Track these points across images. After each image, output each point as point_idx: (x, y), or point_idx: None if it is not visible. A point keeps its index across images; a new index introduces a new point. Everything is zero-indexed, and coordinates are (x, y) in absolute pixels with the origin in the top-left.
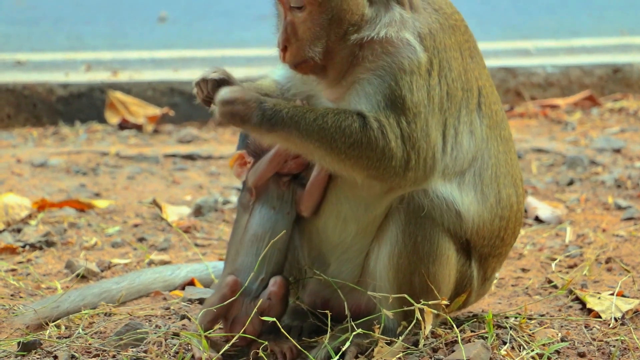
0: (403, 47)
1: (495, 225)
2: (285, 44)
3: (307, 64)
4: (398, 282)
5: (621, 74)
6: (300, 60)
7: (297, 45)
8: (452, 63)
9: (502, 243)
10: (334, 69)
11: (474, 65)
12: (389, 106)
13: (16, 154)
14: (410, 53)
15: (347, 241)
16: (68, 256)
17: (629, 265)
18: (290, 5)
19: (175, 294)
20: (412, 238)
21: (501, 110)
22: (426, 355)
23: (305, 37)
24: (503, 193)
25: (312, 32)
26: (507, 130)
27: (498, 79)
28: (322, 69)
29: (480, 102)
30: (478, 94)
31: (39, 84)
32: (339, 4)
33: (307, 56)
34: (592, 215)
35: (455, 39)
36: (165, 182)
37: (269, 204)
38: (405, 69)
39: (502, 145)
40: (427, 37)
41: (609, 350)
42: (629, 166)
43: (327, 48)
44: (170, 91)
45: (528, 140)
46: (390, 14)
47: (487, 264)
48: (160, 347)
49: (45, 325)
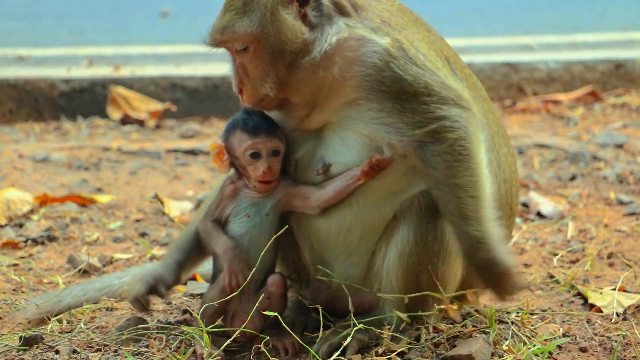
0: (364, 45)
1: (502, 191)
2: (240, 86)
3: (265, 101)
4: (406, 281)
5: (624, 70)
6: (257, 99)
7: (250, 85)
8: (416, 37)
9: (511, 212)
10: (295, 97)
11: (434, 37)
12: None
13: (18, 149)
14: (373, 47)
15: (352, 246)
16: (70, 251)
17: (631, 260)
18: (236, 49)
19: (177, 289)
20: (424, 238)
21: (474, 75)
22: (428, 350)
23: (255, 76)
24: (501, 154)
25: (260, 70)
26: (484, 91)
27: (500, 74)
28: (282, 101)
29: (453, 69)
30: (447, 61)
31: (41, 79)
32: (277, 38)
33: (262, 93)
34: (594, 211)
35: (408, 18)
36: (167, 177)
37: (241, 214)
38: (380, 66)
39: (485, 105)
40: (381, 25)
41: (611, 345)
42: (631, 161)
43: (279, 81)
44: (172, 86)
45: (530, 135)
46: (335, 27)
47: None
48: (161, 342)
49: (47, 319)
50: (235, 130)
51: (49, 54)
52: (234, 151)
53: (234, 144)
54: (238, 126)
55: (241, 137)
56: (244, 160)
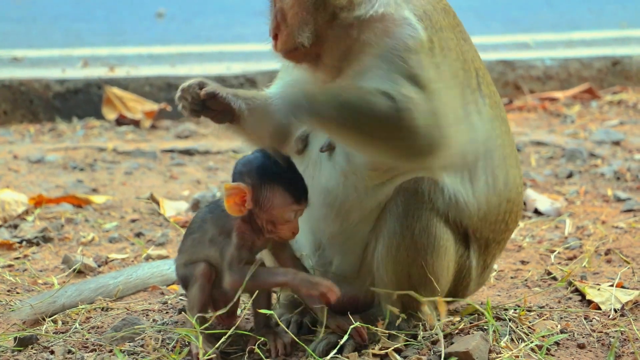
0: (404, 26)
1: (502, 208)
2: (276, 32)
3: (298, 52)
4: (396, 275)
5: (620, 67)
6: (291, 47)
7: (287, 32)
8: (450, 43)
9: (506, 228)
10: (328, 55)
11: (468, 47)
12: (408, 84)
13: (13, 150)
14: (412, 32)
15: (348, 230)
16: (65, 251)
17: (629, 256)
18: None
19: (172, 289)
20: (410, 230)
21: (497, 93)
22: (425, 347)
23: (293, 23)
24: (510, 174)
25: (299, 17)
26: (504, 111)
27: (497, 72)
28: (314, 56)
29: (479, 83)
30: (476, 74)
31: (36, 80)
32: None
33: (297, 42)
34: (592, 208)
35: (448, 21)
36: (163, 178)
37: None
38: (410, 49)
39: (504, 126)
40: (423, 17)
41: (609, 341)
42: (629, 158)
43: (317, 32)
44: (167, 87)
45: (527, 133)
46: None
47: (488, 251)
48: (157, 342)
49: (42, 320)
50: (276, 186)
51: (44, 55)
52: (268, 206)
53: (272, 201)
54: (281, 183)
55: (285, 198)
56: (277, 219)
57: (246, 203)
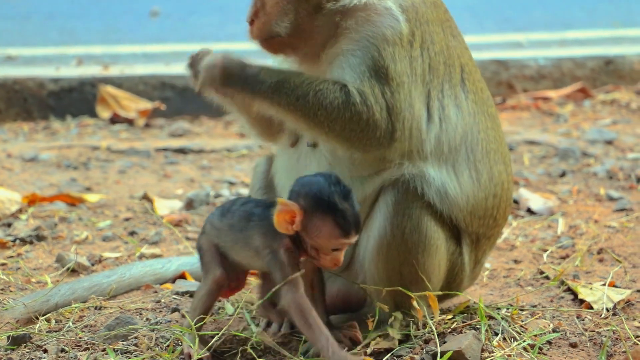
0: (386, 16)
1: (489, 203)
2: (253, 18)
3: (274, 40)
4: (387, 273)
5: (613, 66)
6: (266, 36)
7: (264, 19)
8: (434, 37)
9: (495, 223)
10: (308, 44)
11: (456, 43)
12: (372, 76)
13: (7, 148)
14: (392, 23)
15: None
16: (58, 250)
17: (621, 255)
18: None
19: (166, 287)
20: (400, 229)
21: (487, 90)
22: (418, 347)
23: (272, 12)
24: (494, 170)
25: (280, 6)
26: (494, 108)
27: (490, 71)
28: (291, 46)
29: (463, 78)
30: (461, 70)
31: (30, 79)
32: None
33: (274, 31)
34: (584, 207)
35: (437, 15)
36: (157, 176)
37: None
38: (387, 40)
39: (489, 122)
40: (409, 9)
41: (601, 340)
42: (621, 157)
43: (296, 23)
44: (161, 85)
45: (520, 132)
46: None
47: (479, 246)
48: (150, 341)
49: (35, 319)
50: (327, 217)
51: (38, 53)
52: (315, 234)
53: (321, 230)
54: (333, 215)
55: (333, 230)
56: (322, 248)
57: (294, 225)
